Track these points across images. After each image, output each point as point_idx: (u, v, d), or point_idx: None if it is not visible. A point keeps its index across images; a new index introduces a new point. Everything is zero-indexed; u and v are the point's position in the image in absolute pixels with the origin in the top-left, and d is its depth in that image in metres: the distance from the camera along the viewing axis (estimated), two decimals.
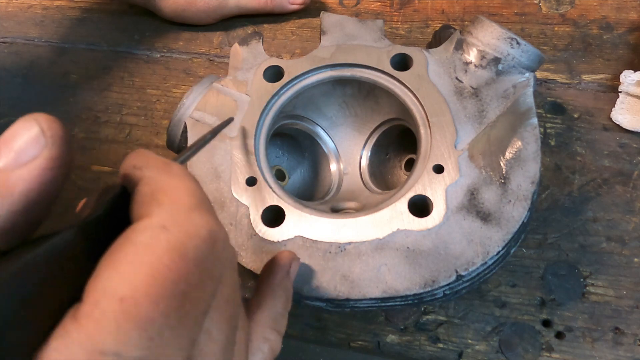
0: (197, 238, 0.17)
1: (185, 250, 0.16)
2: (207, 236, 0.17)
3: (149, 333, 0.15)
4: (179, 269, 0.16)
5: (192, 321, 0.17)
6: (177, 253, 0.16)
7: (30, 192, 0.16)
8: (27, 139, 0.15)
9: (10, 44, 0.64)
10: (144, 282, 0.15)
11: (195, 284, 0.16)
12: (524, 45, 0.39)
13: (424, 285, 0.32)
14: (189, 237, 0.17)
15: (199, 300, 0.17)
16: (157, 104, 0.57)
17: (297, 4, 0.59)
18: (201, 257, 0.17)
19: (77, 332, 0.14)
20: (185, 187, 0.18)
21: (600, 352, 0.39)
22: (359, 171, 0.47)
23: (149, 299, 0.15)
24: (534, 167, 0.35)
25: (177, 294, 0.16)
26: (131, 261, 0.15)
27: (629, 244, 0.43)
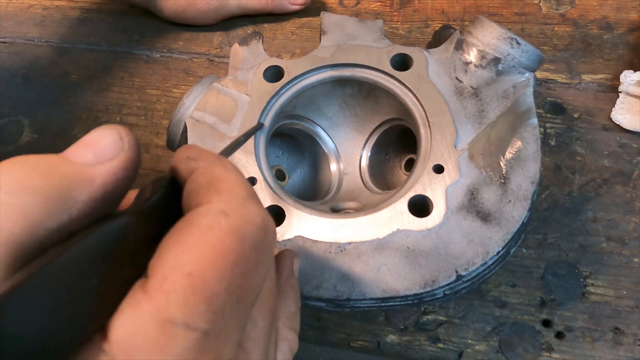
0: (253, 225, 0.18)
1: (243, 235, 0.18)
2: (261, 224, 0.19)
3: (213, 307, 0.16)
4: (238, 251, 0.17)
5: (248, 303, 0.18)
6: (237, 237, 0.17)
7: (107, 185, 0.18)
8: (108, 142, 0.18)
9: (10, 44, 0.64)
10: (209, 260, 0.16)
11: (251, 267, 0.18)
12: (524, 45, 0.39)
13: (424, 285, 0.32)
14: (246, 223, 0.18)
15: (253, 284, 0.18)
16: (157, 104, 0.57)
17: (298, 4, 0.59)
18: (256, 243, 0.18)
19: (147, 303, 0.15)
20: (237, 179, 0.20)
21: (600, 352, 0.39)
22: (359, 171, 0.47)
23: (215, 275, 0.16)
24: (534, 167, 0.35)
25: (237, 274, 0.17)
26: (196, 241, 0.17)
27: (629, 244, 0.43)
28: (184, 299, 0.15)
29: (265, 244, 0.19)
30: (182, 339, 0.15)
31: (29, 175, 0.16)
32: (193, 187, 0.19)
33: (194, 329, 0.15)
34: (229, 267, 0.17)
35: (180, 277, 0.16)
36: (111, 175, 0.18)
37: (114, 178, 0.18)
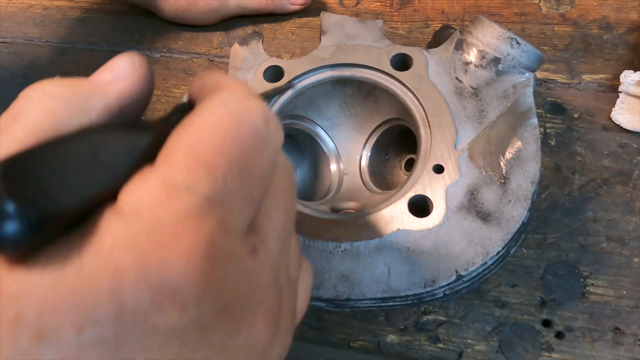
0: (252, 112, 0.19)
1: (242, 117, 0.19)
2: (261, 112, 0.19)
3: (214, 176, 0.17)
4: (237, 130, 0.18)
5: (252, 179, 0.19)
6: (236, 118, 0.18)
7: (122, 96, 0.20)
8: (123, 64, 0.21)
9: (10, 44, 0.64)
10: (208, 135, 0.18)
11: (252, 147, 0.19)
12: (524, 45, 0.39)
13: (424, 285, 0.32)
14: (245, 110, 0.19)
15: (256, 164, 0.19)
16: (157, 104, 0.57)
17: (298, 4, 0.59)
18: (256, 127, 0.19)
19: (152, 173, 0.17)
20: (241, 83, 0.21)
21: (600, 352, 0.39)
22: (359, 171, 0.47)
23: (213, 148, 0.17)
24: (534, 167, 0.35)
25: (237, 150, 0.18)
26: (197, 123, 0.18)
27: (629, 244, 0.43)
28: (185, 167, 0.17)
29: (268, 131, 0.19)
30: (184, 199, 0.16)
31: (55, 87, 0.19)
32: (200, 94, 0.21)
33: (195, 191, 0.16)
34: (228, 141, 0.18)
35: (182, 149, 0.17)
36: (126, 88, 0.21)
37: (128, 91, 0.21)
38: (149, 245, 0.15)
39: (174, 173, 0.17)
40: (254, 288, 0.18)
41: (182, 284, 0.15)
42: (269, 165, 0.20)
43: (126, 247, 0.15)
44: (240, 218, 0.18)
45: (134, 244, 0.15)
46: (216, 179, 0.17)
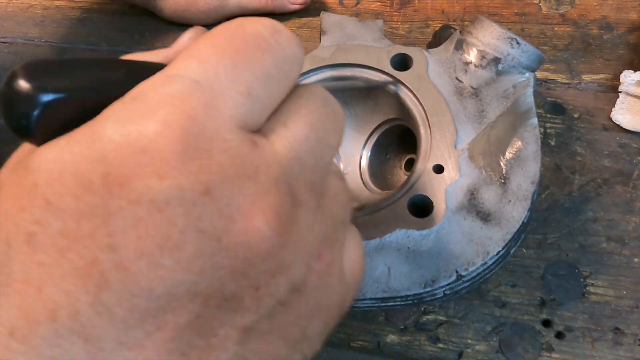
0: (258, 22, 0.20)
1: (244, 24, 0.19)
2: (269, 24, 0.20)
3: (205, 65, 0.18)
4: (236, 32, 0.19)
5: (250, 76, 0.18)
6: (238, 24, 0.19)
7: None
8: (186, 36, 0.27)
9: (10, 44, 0.64)
10: (209, 37, 0.19)
11: (251, 47, 0.19)
12: (524, 45, 0.39)
13: (424, 285, 0.32)
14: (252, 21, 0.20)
15: (256, 63, 0.19)
16: None
17: (298, 4, 0.59)
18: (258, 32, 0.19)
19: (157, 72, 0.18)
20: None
21: (600, 352, 0.39)
22: (359, 171, 0.47)
23: (209, 42, 0.18)
24: (534, 167, 0.35)
25: (231, 46, 0.18)
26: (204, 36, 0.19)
27: (629, 244, 0.43)
28: (180, 60, 0.18)
29: (273, 41, 0.19)
30: (173, 83, 0.17)
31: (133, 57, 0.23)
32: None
33: (185, 77, 0.17)
34: (224, 39, 0.18)
35: (185, 51, 0.19)
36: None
37: None
38: (133, 117, 0.16)
39: (173, 67, 0.18)
40: (248, 176, 0.17)
41: (159, 148, 0.16)
42: (273, 69, 0.19)
43: (114, 121, 0.16)
44: (233, 108, 0.18)
45: (121, 117, 0.16)
46: (206, 68, 0.18)
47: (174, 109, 0.16)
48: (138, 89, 0.17)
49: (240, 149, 0.17)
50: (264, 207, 0.17)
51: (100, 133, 0.16)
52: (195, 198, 0.16)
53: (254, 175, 0.17)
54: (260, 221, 0.17)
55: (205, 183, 0.16)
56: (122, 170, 0.16)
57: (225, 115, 0.17)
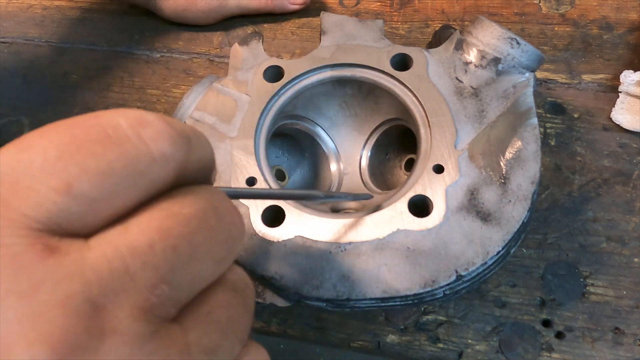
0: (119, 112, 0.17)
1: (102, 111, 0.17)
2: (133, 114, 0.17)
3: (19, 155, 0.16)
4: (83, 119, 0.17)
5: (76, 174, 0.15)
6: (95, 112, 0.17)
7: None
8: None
9: (10, 44, 0.64)
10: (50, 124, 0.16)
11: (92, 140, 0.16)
12: (524, 45, 0.39)
13: (424, 285, 0.32)
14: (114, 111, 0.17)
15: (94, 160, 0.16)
16: (157, 104, 0.57)
17: (298, 4, 0.59)
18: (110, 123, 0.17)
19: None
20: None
21: (600, 352, 0.39)
22: (359, 171, 0.47)
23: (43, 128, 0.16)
24: (534, 167, 0.35)
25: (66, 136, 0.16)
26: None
27: (629, 244, 0.43)
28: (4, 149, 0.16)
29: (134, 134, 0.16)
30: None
31: None
32: None
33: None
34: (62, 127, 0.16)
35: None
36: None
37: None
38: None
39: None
40: (21, 293, 0.14)
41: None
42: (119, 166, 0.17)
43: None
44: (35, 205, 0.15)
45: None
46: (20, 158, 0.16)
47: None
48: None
49: (20, 257, 0.14)
50: (35, 335, 0.13)
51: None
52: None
53: (30, 292, 0.14)
54: (23, 354, 0.13)
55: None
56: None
57: (15, 213, 0.14)
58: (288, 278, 0.33)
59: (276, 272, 0.34)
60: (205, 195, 0.18)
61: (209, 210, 0.17)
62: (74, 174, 0.15)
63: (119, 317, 0.15)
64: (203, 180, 0.19)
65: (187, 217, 0.17)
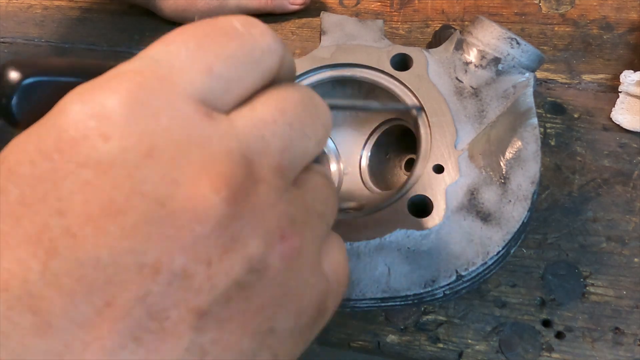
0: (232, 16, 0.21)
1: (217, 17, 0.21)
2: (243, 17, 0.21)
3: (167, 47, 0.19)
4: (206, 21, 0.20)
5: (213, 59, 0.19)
6: (212, 18, 0.21)
7: None
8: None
9: (10, 44, 0.64)
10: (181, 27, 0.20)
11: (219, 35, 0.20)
12: (524, 45, 0.39)
13: (424, 285, 0.32)
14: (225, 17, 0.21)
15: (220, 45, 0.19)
16: None
17: (298, 4, 0.59)
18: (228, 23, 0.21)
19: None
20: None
21: (600, 352, 0.39)
22: (359, 171, 0.47)
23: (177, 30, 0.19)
24: (534, 167, 0.35)
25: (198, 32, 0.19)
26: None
27: (629, 244, 0.43)
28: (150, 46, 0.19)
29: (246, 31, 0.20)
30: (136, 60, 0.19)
31: None
32: None
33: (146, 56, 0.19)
34: (193, 28, 0.19)
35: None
36: None
37: None
38: (90, 89, 0.17)
39: (143, 51, 0.19)
40: (197, 143, 0.17)
41: (106, 113, 0.16)
42: (241, 54, 0.19)
43: (75, 94, 0.17)
44: (190, 82, 0.18)
45: (81, 91, 0.17)
46: (169, 49, 0.18)
47: (126, 79, 0.17)
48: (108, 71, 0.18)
49: (192, 118, 0.17)
50: (212, 174, 0.17)
51: (62, 106, 0.17)
52: (137, 160, 0.16)
53: (204, 143, 0.17)
54: (206, 187, 0.16)
55: (148, 145, 0.16)
56: (73, 133, 0.16)
57: (179, 88, 0.17)
58: None
59: None
60: (302, 88, 0.22)
61: (308, 98, 0.21)
62: (212, 59, 0.18)
63: (264, 171, 0.18)
64: (292, 81, 0.23)
65: (295, 101, 0.20)
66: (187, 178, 0.16)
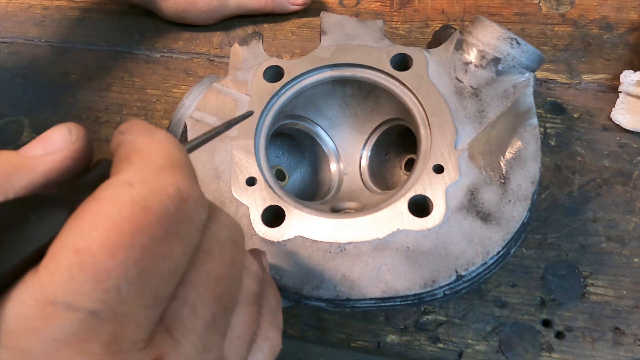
0: (162, 194, 0.17)
1: (146, 205, 0.16)
2: (174, 194, 0.17)
3: (104, 285, 0.15)
4: (138, 222, 0.16)
5: (157, 279, 0.16)
6: (138, 206, 0.16)
7: (50, 172, 0.19)
8: (58, 136, 0.20)
9: (10, 44, 0.64)
10: (101, 234, 0.15)
11: (159, 239, 0.16)
12: (524, 45, 0.39)
13: (424, 285, 0.32)
14: (152, 192, 0.17)
15: (163, 258, 0.17)
16: (157, 104, 0.57)
17: (298, 4, 0.59)
18: (165, 213, 0.17)
19: (32, 282, 0.15)
20: (162, 149, 0.19)
21: (600, 352, 0.39)
22: (359, 171, 0.47)
23: (105, 249, 0.15)
24: (534, 167, 0.35)
25: (136, 247, 0.16)
26: (92, 215, 0.16)
27: (629, 244, 0.43)
28: (68, 277, 0.15)
29: (182, 215, 0.17)
30: (60, 320, 0.14)
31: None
32: (114, 162, 0.20)
33: (77, 309, 0.14)
34: (125, 239, 0.16)
35: (67, 253, 0.15)
36: (56, 163, 0.20)
37: (58, 166, 0.20)
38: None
39: (52, 285, 0.15)
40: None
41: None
42: (184, 254, 0.18)
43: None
44: (139, 328, 0.16)
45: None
46: (105, 289, 0.15)
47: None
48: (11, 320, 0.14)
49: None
50: None
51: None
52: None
53: None
54: None
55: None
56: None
57: (130, 342, 0.15)
58: (288, 278, 0.33)
59: (276, 272, 0.34)
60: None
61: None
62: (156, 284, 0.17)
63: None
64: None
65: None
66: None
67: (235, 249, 0.21)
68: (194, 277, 0.19)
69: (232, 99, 0.41)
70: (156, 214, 0.17)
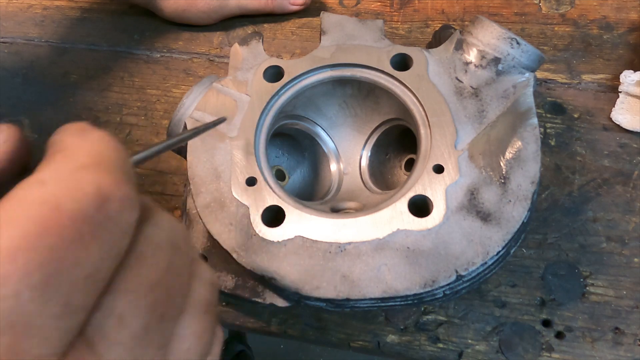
0: (77, 192, 0.16)
1: (58, 203, 0.15)
2: (91, 192, 0.16)
3: (2, 291, 0.14)
4: (46, 222, 0.15)
5: (68, 286, 0.15)
6: (48, 205, 0.15)
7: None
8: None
9: (10, 44, 0.64)
10: (2, 236, 0.14)
11: (71, 241, 0.15)
12: (524, 45, 0.39)
13: (424, 285, 0.32)
14: (67, 190, 0.16)
15: (76, 262, 0.15)
16: (157, 104, 0.57)
17: (298, 4, 0.59)
18: (80, 213, 0.15)
19: None
20: (90, 148, 0.18)
21: (600, 352, 0.39)
22: (359, 171, 0.47)
23: (5, 252, 0.14)
24: (534, 167, 0.35)
25: (41, 249, 0.14)
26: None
27: (629, 244, 0.43)
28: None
29: (103, 216, 0.16)
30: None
31: None
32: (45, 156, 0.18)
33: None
34: (29, 241, 0.14)
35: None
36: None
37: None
38: None
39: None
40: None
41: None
42: (105, 259, 0.16)
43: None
44: (47, 340, 0.15)
45: None
46: (3, 297, 0.14)
47: None
48: None
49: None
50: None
51: None
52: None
53: None
54: None
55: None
56: None
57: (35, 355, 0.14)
58: (288, 278, 0.33)
59: (276, 272, 0.34)
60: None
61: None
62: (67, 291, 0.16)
63: None
64: None
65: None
66: None
67: (174, 253, 0.19)
68: (122, 285, 0.17)
69: (232, 99, 0.41)
70: (68, 214, 0.15)
